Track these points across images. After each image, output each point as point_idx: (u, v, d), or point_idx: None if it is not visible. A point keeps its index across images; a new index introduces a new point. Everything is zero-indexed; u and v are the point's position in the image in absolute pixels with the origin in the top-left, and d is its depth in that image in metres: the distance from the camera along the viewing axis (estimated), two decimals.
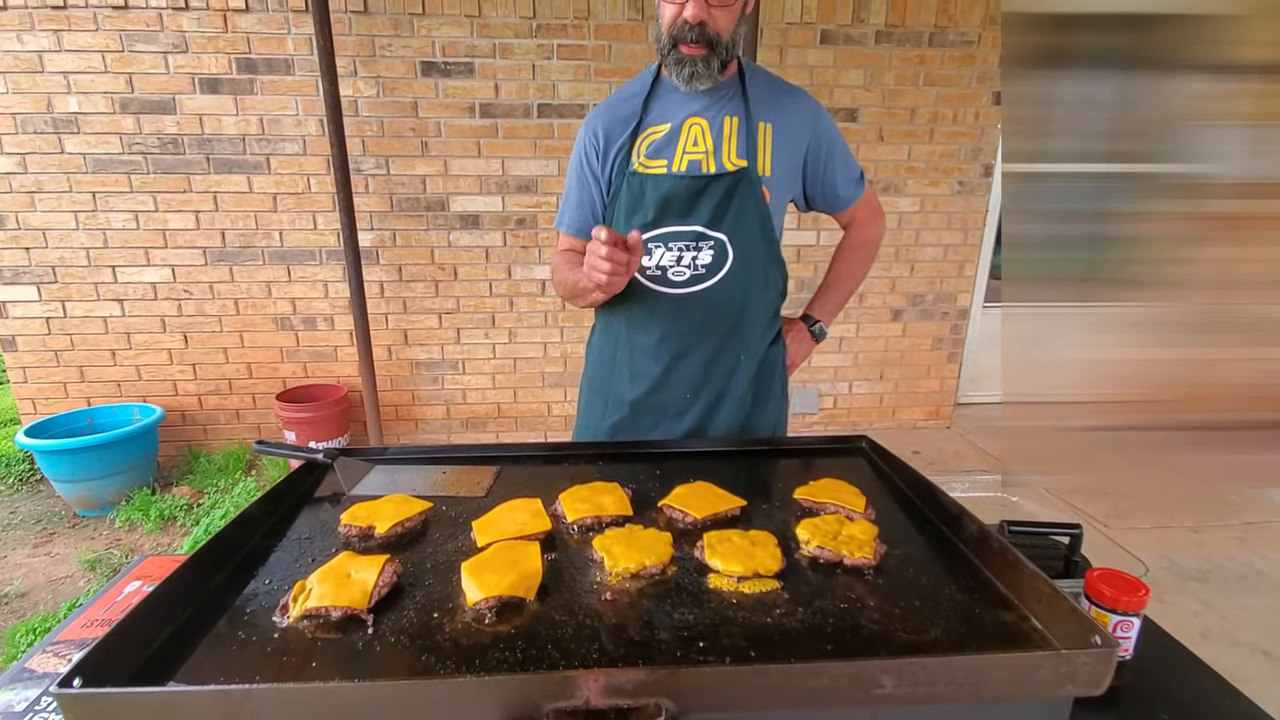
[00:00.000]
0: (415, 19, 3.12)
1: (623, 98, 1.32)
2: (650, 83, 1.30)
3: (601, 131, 1.30)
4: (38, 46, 2.99)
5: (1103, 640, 0.66)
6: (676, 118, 1.28)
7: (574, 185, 1.36)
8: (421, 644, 0.71)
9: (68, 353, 3.38)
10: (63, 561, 2.72)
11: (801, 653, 0.70)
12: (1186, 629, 2.22)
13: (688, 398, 1.37)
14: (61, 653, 0.94)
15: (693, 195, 1.26)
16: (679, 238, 1.29)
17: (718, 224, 1.27)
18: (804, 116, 1.32)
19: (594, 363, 1.46)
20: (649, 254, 1.30)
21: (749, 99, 1.28)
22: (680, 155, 1.27)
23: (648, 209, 1.27)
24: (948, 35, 3.41)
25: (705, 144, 1.27)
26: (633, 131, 1.28)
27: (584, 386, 1.52)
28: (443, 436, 3.74)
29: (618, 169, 1.30)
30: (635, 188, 1.28)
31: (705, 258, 1.29)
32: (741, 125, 1.27)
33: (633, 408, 1.39)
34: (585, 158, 1.32)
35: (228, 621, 0.76)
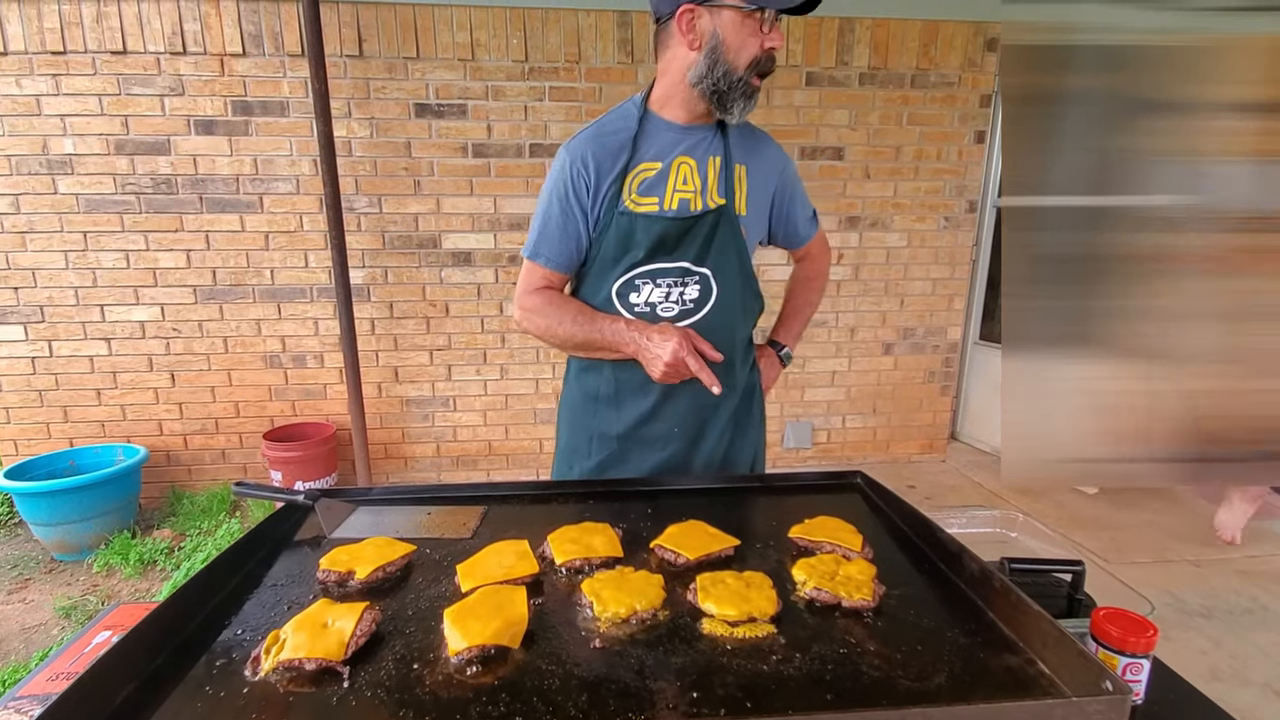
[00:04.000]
0: (409, 62, 3.18)
1: (609, 131, 1.30)
2: (638, 119, 1.29)
3: (592, 164, 1.27)
4: (36, 90, 3.02)
5: (1114, 686, 0.63)
6: (667, 157, 1.28)
7: (555, 216, 1.30)
8: (400, 698, 0.67)
9: (52, 392, 3.33)
10: (37, 608, 2.63)
11: (800, 703, 0.67)
12: (1195, 668, 2.17)
13: (675, 431, 1.37)
14: (24, 709, 0.89)
15: (682, 233, 1.28)
16: (666, 274, 1.29)
17: (702, 260, 1.30)
18: (773, 161, 1.39)
19: (576, 401, 1.43)
20: (636, 290, 1.30)
21: (728, 141, 1.33)
22: (671, 194, 1.28)
23: (639, 247, 1.27)
24: (929, 77, 3.50)
25: (694, 183, 1.29)
26: (623, 167, 1.27)
27: (563, 425, 1.49)
28: (433, 474, 3.68)
29: (607, 205, 1.28)
30: (626, 225, 1.27)
31: (692, 293, 1.31)
32: (722, 166, 1.31)
33: (620, 442, 1.38)
34: (573, 189, 1.28)
35: (196, 675, 0.72)
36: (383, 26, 3.12)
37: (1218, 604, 2.57)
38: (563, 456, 1.48)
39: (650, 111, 1.30)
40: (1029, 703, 0.65)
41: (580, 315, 1.29)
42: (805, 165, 3.53)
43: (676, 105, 1.28)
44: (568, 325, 1.30)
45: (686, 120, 1.29)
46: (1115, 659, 0.80)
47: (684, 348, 1.19)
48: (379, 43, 3.14)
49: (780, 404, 3.85)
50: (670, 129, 1.29)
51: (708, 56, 1.19)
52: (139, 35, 3.01)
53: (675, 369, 1.20)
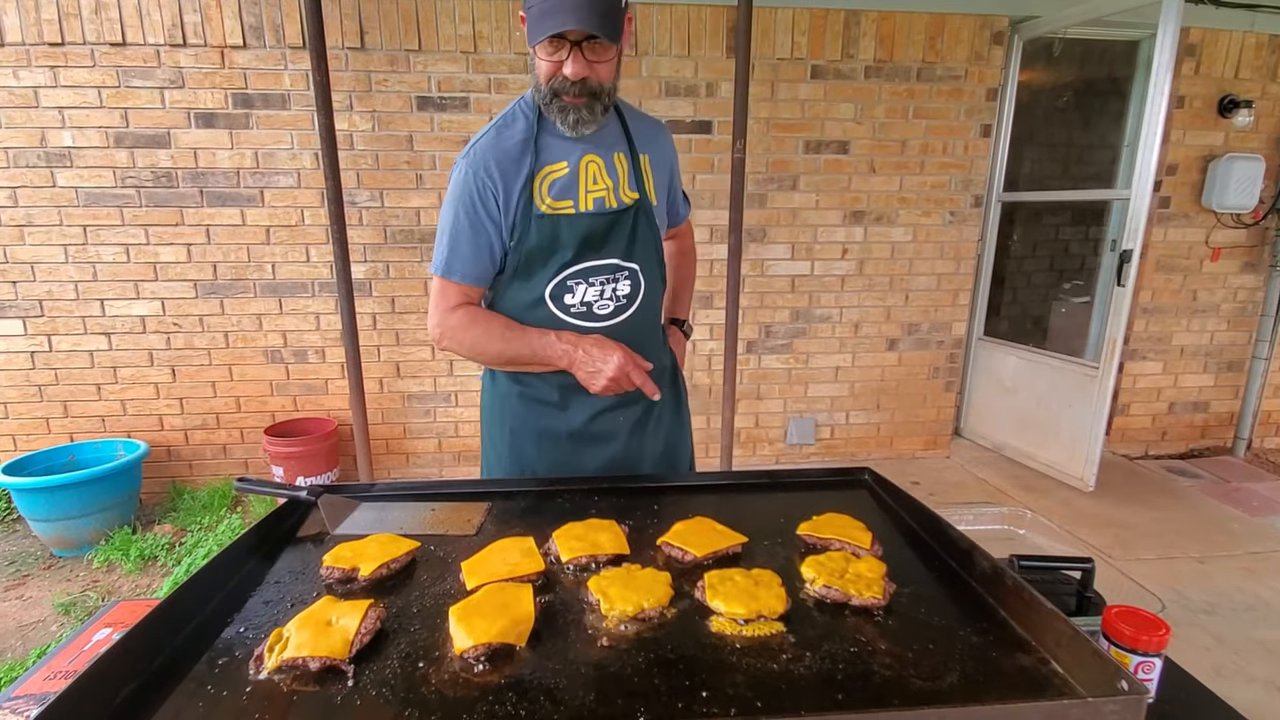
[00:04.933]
0: (411, 55, 3.16)
1: (505, 137, 1.26)
2: (535, 121, 1.26)
3: (497, 173, 1.23)
4: (33, 82, 3.00)
5: (1130, 686, 0.62)
6: (572, 157, 1.26)
7: (465, 230, 1.25)
8: (405, 697, 0.66)
9: (52, 387, 3.32)
10: (35, 605, 2.62)
11: (810, 702, 0.66)
12: (1199, 665, 2.14)
13: (622, 420, 1.38)
14: (20, 709, 0.88)
15: (606, 230, 1.27)
16: (598, 271, 1.28)
17: (630, 254, 1.30)
18: (667, 147, 1.41)
19: (512, 403, 1.37)
20: (571, 291, 1.28)
21: (630, 135, 1.33)
22: (584, 194, 1.27)
23: (566, 247, 1.25)
24: (935, 70, 3.47)
25: (605, 181, 1.28)
26: (529, 171, 1.24)
27: (499, 425, 1.42)
28: (434, 470, 3.67)
29: (521, 211, 1.24)
30: (548, 229, 1.24)
31: (624, 288, 1.31)
32: (629, 160, 1.31)
33: (572, 440, 1.36)
34: (479, 201, 1.23)
35: (198, 674, 0.71)
36: (384, 18, 3.10)
37: (1222, 601, 2.56)
38: (508, 458, 1.41)
39: (543, 114, 1.27)
40: (1045, 703, 0.65)
41: (508, 331, 1.28)
42: (810, 159, 3.51)
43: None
44: (495, 342, 1.28)
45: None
46: (1128, 658, 0.79)
47: (629, 361, 1.21)
48: (380, 35, 3.12)
49: (783, 400, 3.84)
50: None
51: (531, 70, 1.21)
52: (138, 27, 2.99)
53: (618, 383, 1.22)
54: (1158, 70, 2.91)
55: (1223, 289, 3.92)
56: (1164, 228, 3.78)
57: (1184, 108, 3.62)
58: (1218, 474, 3.82)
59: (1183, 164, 3.70)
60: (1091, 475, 3.42)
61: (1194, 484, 3.69)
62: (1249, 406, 4.12)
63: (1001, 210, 3.95)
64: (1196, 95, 3.62)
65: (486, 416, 1.46)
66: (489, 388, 1.44)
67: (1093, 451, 3.39)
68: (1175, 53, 2.91)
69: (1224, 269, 3.88)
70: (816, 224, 3.61)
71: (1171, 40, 2.86)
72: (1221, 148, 3.69)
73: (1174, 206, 3.76)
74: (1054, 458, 3.65)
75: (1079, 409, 3.44)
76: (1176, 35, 2.87)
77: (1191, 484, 3.68)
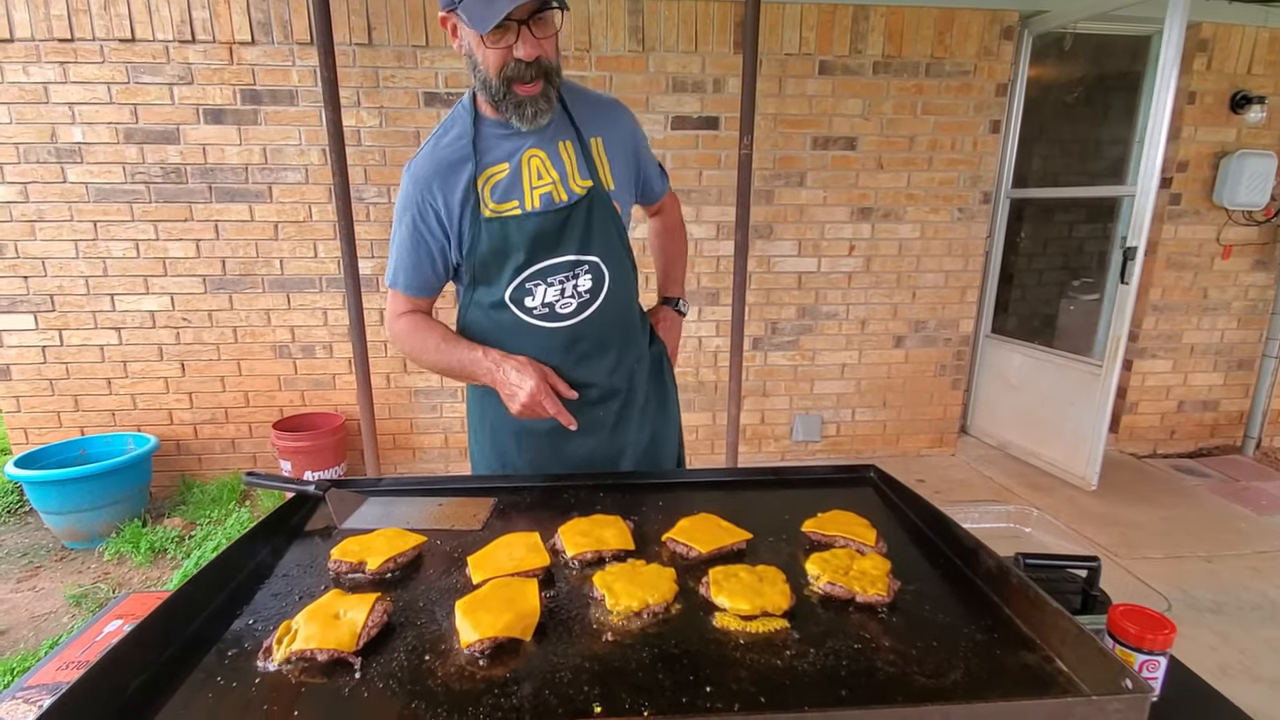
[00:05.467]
0: (419, 50, 3.16)
1: (443, 144, 1.23)
2: (471, 124, 1.23)
3: (436, 185, 1.21)
4: (43, 78, 3.02)
5: (1134, 684, 0.62)
6: (513, 156, 1.22)
7: (406, 243, 1.26)
8: (411, 690, 0.67)
9: (63, 381, 3.35)
10: (48, 596, 2.65)
11: (814, 698, 0.66)
12: (1204, 664, 2.15)
13: (599, 414, 1.36)
14: (33, 699, 0.89)
15: (558, 226, 1.24)
16: (555, 270, 1.26)
17: (587, 247, 1.26)
18: (624, 123, 1.34)
19: (494, 403, 1.34)
20: (530, 294, 1.26)
21: (575, 119, 1.27)
22: (529, 192, 1.23)
23: (518, 250, 1.23)
24: (944, 66, 3.45)
25: (550, 174, 1.24)
26: (470, 178, 1.21)
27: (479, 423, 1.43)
28: (441, 465, 3.69)
29: (469, 219, 1.22)
30: (496, 232, 1.22)
31: (585, 283, 1.28)
32: (576, 147, 1.26)
33: (550, 437, 1.34)
34: (419, 215, 1.23)
35: (208, 666, 0.72)
36: (392, 14, 3.10)
37: (1228, 600, 2.55)
38: (491, 454, 1.42)
39: (479, 113, 1.24)
40: (1048, 701, 0.65)
41: (443, 344, 1.29)
42: (817, 155, 3.50)
43: (489, 108, 1.22)
44: (431, 353, 1.30)
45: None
46: (1132, 656, 0.79)
47: (542, 390, 1.19)
48: (388, 30, 3.12)
49: (789, 396, 3.84)
50: (504, 127, 1.23)
51: (470, 66, 1.16)
52: (147, 23, 3.00)
53: (531, 409, 1.20)
54: (1164, 66, 2.89)
55: (1233, 287, 3.89)
56: (1175, 225, 3.75)
57: (1195, 104, 3.58)
58: (1226, 473, 3.79)
59: (1194, 160, 3.67)
60: (1094, 474, 3.40)
61: (1202, 483, 3.66)
62: (1259, 405, 4.09)
63: (1010, 207, 3.93)
64: (1208, 91, 3.58)
65: (469, 414, 1.47)
66: (471, 386, 1.42)
67: (1095, 450, 3.37)
68: (1182, 48, 2.88)
69: (1235, 266, 3.85)
70: (824, 220, 3.60)
71: (1178, 35, 2.83)
72: (1233, 144, 3.65)
73: (1185, 203, 3.72)
74: (1057, 456, 3.63)
75: (1082, 407, 3.42)
76: (1183, 30, 2.85)
77: (1200, 483, 3.66)
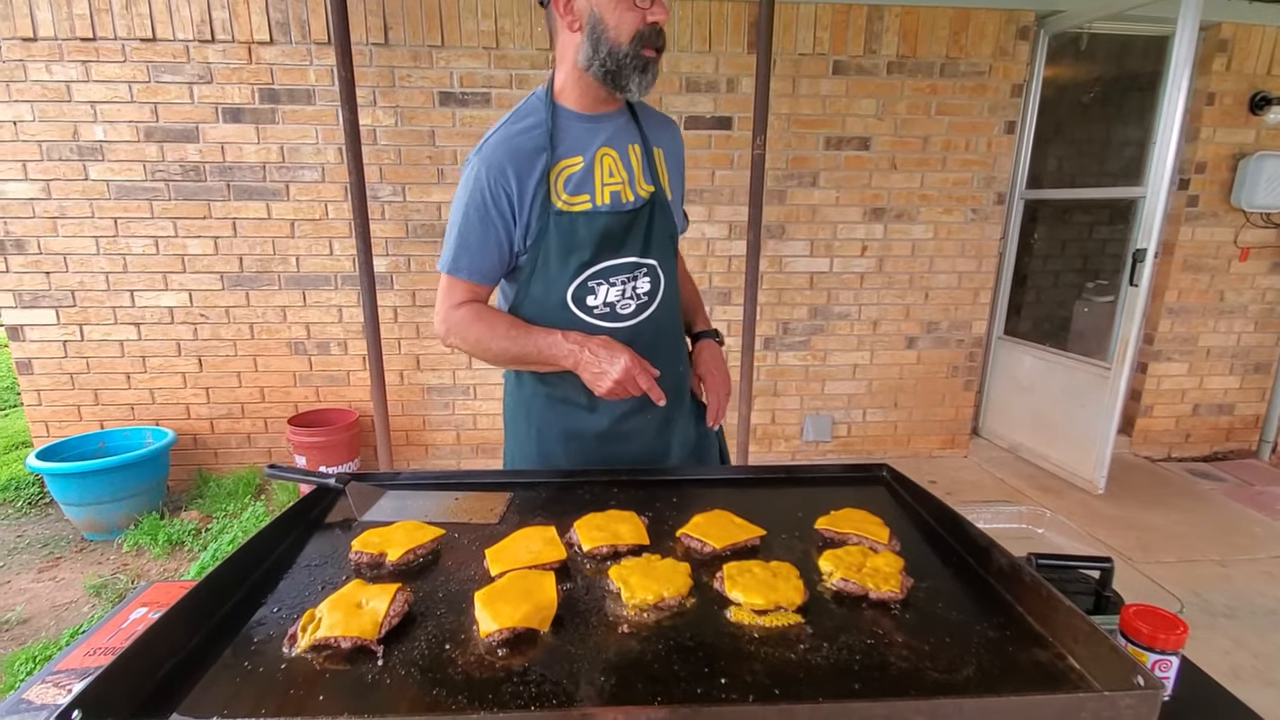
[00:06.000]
0: (434, 50, 3.19)
1: (521, 131, 1.23)
2: (547, 113, 1.23)
3: (511, 170, 1.20)
4: (66, 77, 3.07)
5: (1146, 681, 0.62)
6: (588, 150, 1.23)
7: (475, 227, 1.23)
8: (432, 677, 0.69)
9: (83, 375, 3.40)
10: (68, 586, 2.70)
11: (828, 691, 0.67)
12: (1217, 668, 2.12)
13: (648, 419, 1.36)
14: (62, 683, 0.91)
15: (624, 227, 1.25)
16: (618, 271, 1.26)
17: (647, 251, 1.28)
18: (679, 143, 1.39)
19: (540, 407, 1.36)
20: (593, 293, 1.26)
21: (641, 125, 1.30)
22: (600, 188, 1.24)
23: (585, 247, 1.23)
24: (959, 66, 3.44)
25: (620, 174, 1.26)
26: (545, 167, 1.21)
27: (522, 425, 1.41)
28: (453, 462, 3.72)
29: (538, 209, 1.21)
30: (566, 226, 1.22)
31: (644, 285, 1.30)
32: (642, 152, 1.29)
33: (599, 441, 1.35)
34: (492, 199, 1.21)
35: (234, 651, 0.74)
36: (408, 14, 3.13)
37: (1242, 605, 2.53)
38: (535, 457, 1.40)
39: (557, 104, 1.25)
40: (1061, 696, 0.65)
41: (513, 329, 1.25)
42: (830, 155, 3.50)
43: (578, 93, 1.23)
44: (500, 340, 1.25)
45: (593, 108, 1.25)
46: (1145, 656, 0.80)
47: (636, 365, 1.18)
48: (404, 30, 3.15)
49: (800, 397, 3.84)
50: (582, 120, 1.24)
51: (589, 37, 1.16)
52: (168, 23, 3.05)
53: (624, 386, 1.18)
54: (1175, 66, 2.86)
55: (1251, 290, 3.85)
56: (1192, 227, 3.72)
57: (1214, 105, 3.55)
58: (1241, 477, 3.76)
59: (1212, 162, 3.63)
60: (1101, 477, 3.37)
61: (1217, 487, 3.63)
62: (1275, 409, 4.04)
63: (1024, 208, 3.91)
64: (1227, 92, 3.55)
65: (511, 416, 1.44)
66: (514, 389, 1.41)
67: (1103, 453, 3.35)
68: (1194, 48, 2.86)
69: (1252, 269, 3.81)
70: (836, 221, 3.60)
71: (1190, 35, 2.81)
72: (1252, 146, 3.62)
73: (1202, 205, 3.69)
74: (1065, 459, 3.61)
75: (1093, 410, 3.40)
76: (1196, 31, 2.82)
77: (1214, 487, 3.63)
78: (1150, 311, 3.90)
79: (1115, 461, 3.40)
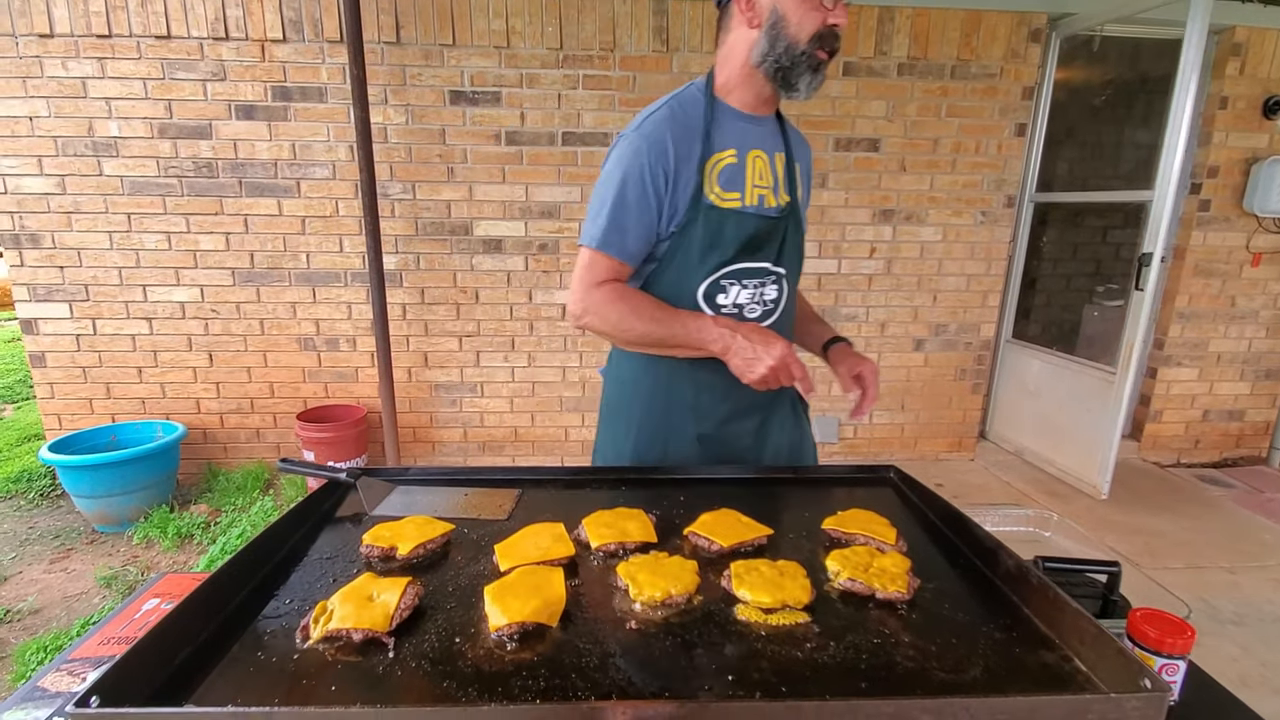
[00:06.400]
0: (445, 49, 3.20)
1: (682, 115, 1.21)
2: (707, 104, 1.22)
3: (672, 149, 1.17)
4: (82, 73, 3.10)
5: (1153, 684, 0.63)
6: (742, 148, 1.23)
7: (630, 205, 1.19)
8: (443, 669, 0.69)
9: (95, 369, 3.44)
10: (79, 578, 2.73)
11: (834, 689, 0.67)
12: (1224, 674, 2.10)
13: (749, 426, 1.36)
14: (76, 671, 0.93)
15: (767, 232, 1.25)
16: (751, 274, 1.26)
17: (780, 259, 1.29)
18: (810, 164, 1.41)
19: (643, 406, 1.34)
20: (724, 292, 1.25)
21: (788, 139, 1.32)
22: (750, 188, 1.23)
23: (728, 246, 1.22)
24: (970, 68, 3.43)
25: (768, 178, 1.26)
26: (702, 154, 1.20)
27: (623, 422, 1.39)
28: (459, 459, 3.74)
29: (691, 197, 1.20)
30: (714, 222, 1.20)
31: (771, 293, 1.30)
32: (786, 162, 1.31)
33: (701, 442, 1.34)
34: (650, 177, 1.17)
35: (247, 642, 0.75)
36: (420, 13, 3.15)
37: (1251, 612, 2.51)
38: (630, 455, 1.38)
39: (717, 98, 1.25)
40: (1067, 697, 0.65)
41: (659, 310, 1.21)
42: (840, 157, 3.49)
43: (743, 91, 1.24)
44: (644, 321, 1.21)
45: (753, 108, 1.25)
46: (1151, 660, 0.80)
47: (791, 354, 1.15)
48: (416, 29, 3.17)
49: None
50: (740, 118, 1.25)
51: (768, 33, 1.16)
52: (183, 20, 3.07)
53: (776, 375, 1.14)
54: (1184, 69, 2.85)
55: (1263, 295, 3.83)
56: (1203, 231, 3.70)
57: (1227, 109, 3.53)
58: (1251, 484, 3.73)
59: (1225, 166, 3.61)
60: (1105, 483, 3.36)
61: (1226, 493, 3.61)
62: None
63: (1034, 211, 3.89)
64: (1240, 96, 3.53)
65: (609, 413, 1.43)
66: (616, 385, 1.41)
67: (1107, 458, 3.33)
68: (1203, 51, 2.84)
69: (1265, 274, 3.79)
70: (845, 222, 3.59)
71: (1199, 38, 2.79)
72: (1265, 150, 3.60)
73: (1214, 209, 3.67)
74: (1070, 463, 3.60)
75: (1098, 414, 3.38)
76: (1205, 33, 2.81)
77: (1223, 493, 3.61)
78: (1160, 316, 3.88)
79: (1124, 467, 3.39)
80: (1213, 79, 3.57)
